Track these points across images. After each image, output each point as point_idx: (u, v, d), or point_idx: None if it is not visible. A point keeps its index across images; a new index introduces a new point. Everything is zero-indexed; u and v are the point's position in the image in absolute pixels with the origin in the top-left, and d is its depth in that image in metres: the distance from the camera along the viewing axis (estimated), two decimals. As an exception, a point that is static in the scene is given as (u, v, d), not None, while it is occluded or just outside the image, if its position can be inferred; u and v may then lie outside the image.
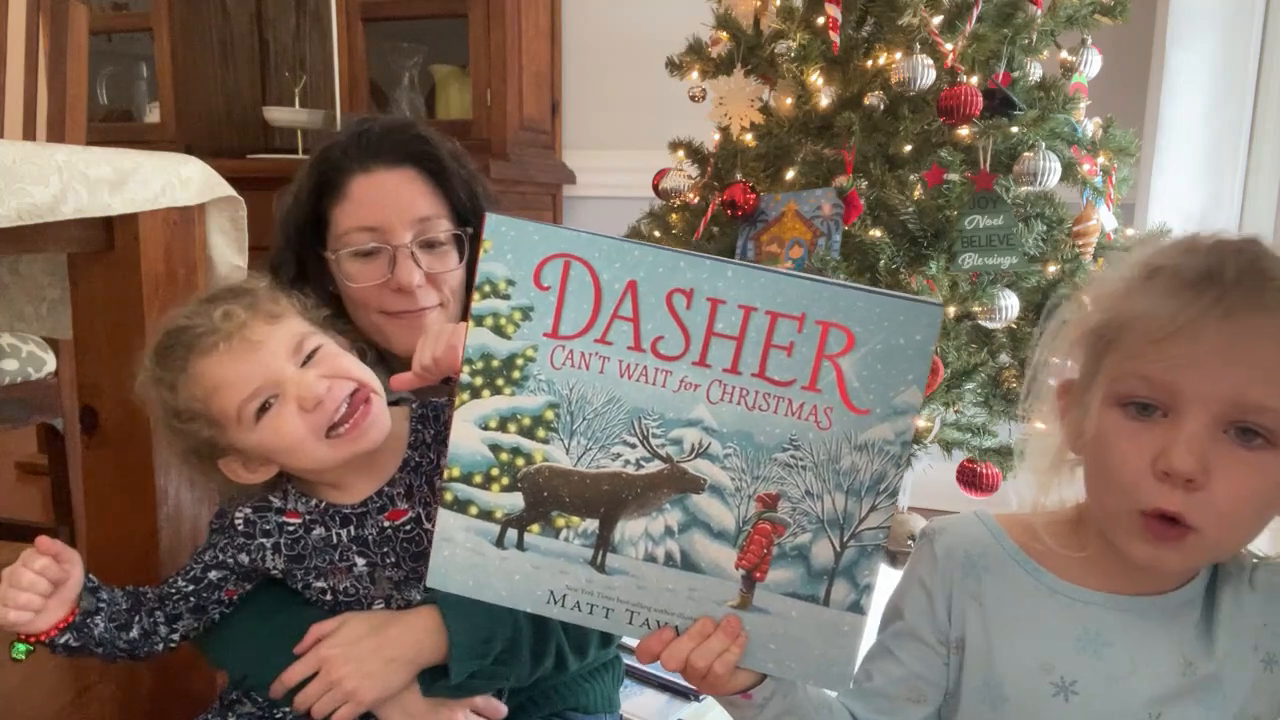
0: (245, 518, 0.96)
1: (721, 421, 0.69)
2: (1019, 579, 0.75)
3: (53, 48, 1.62)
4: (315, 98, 3.06)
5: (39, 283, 1.36)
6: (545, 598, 0.71)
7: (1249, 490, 0.63)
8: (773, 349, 0.67)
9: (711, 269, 0.67)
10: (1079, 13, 1.62)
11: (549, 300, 0.67)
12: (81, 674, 1.71)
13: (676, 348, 0.68)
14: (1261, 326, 0.62)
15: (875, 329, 0.66)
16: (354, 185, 1.05)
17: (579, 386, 0.68)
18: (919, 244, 1.51)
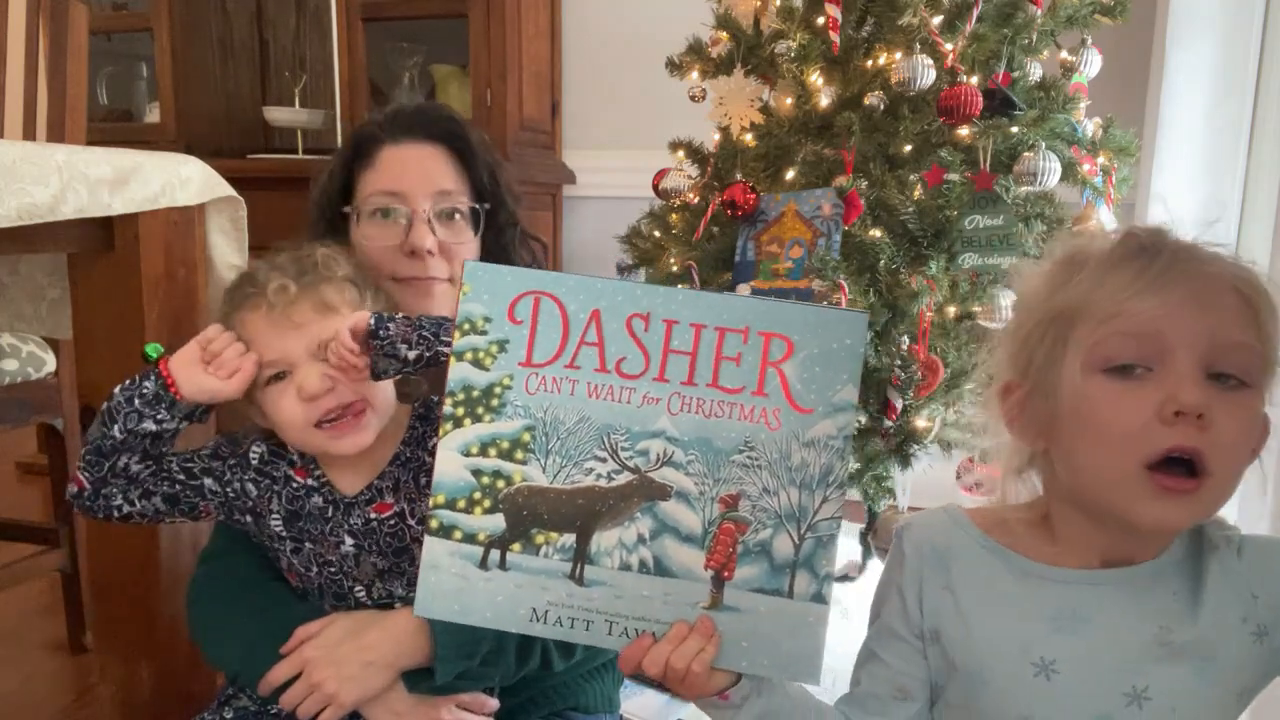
0: (261, 455, 0.99)
1: (682, 430, 0.75)
2: (989, 564, 0.76)
3: (53, 48, 1.62)
4: (315, 98, 3.06)
5: (39, 283, 1.36)
6: (528, 616, 0.74)
7: (1245, 426, 0.66)
8: (723, 360, 0.75)
9: (664, 294, 0.75)
10: (1079, 13, 1.62)
11: (522, 333, 0.74)
12: (81, 674, 1.71)
13: (638, 366, 0.75)
14: (1215, 277, 0.67)
15: (811, 336, 0.75)
16: (383, 154, 1.11)
17: (552, 409, 0.74)
18: (919, 244, 1.51)
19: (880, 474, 1.61)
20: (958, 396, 1.54)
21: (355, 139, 1.14)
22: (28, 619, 1.92)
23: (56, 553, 1.72)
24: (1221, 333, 0.66)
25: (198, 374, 0.93)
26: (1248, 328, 0.66)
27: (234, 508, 1.00)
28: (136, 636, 1.19)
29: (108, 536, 1.20)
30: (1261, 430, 0.69)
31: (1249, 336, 0.66)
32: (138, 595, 1.19)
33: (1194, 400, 0.64)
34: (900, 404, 1.48)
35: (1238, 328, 0.66)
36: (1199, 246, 0.70)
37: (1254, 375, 0.67)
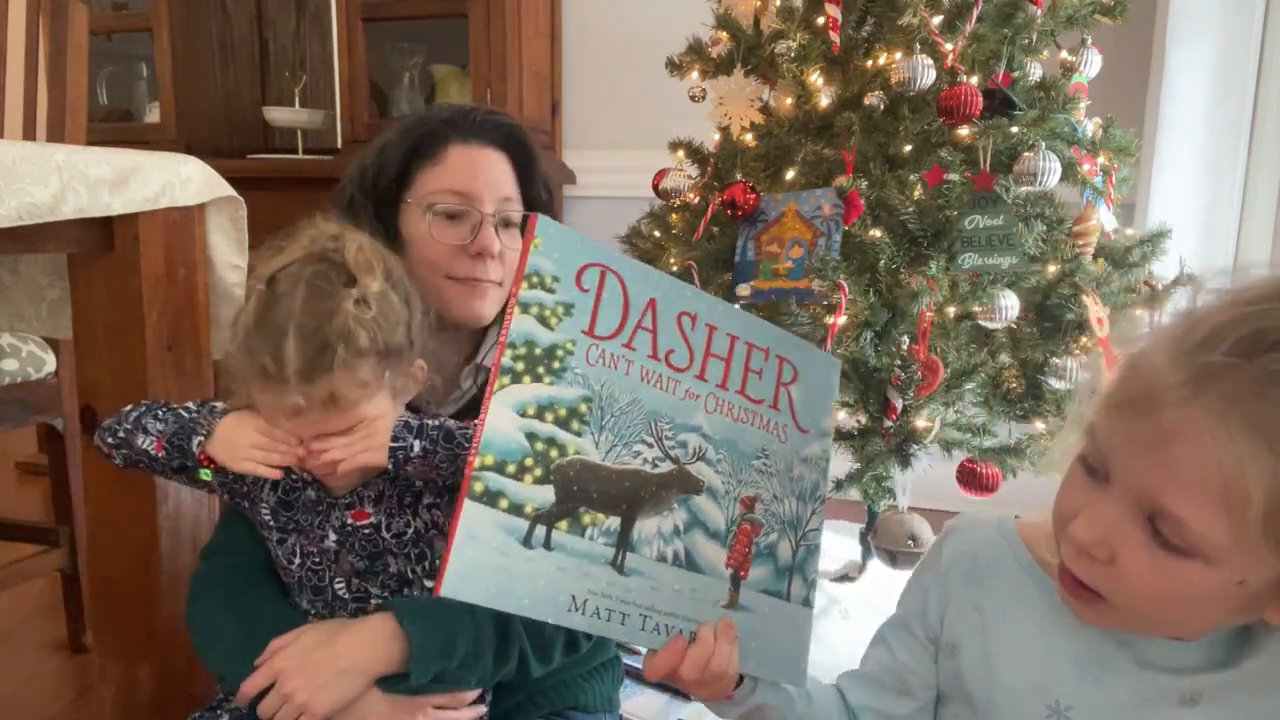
0: None
1: (714, 429, 0.76)
2: (1027, 591, 0.73)
3: (53, 48, 1.62)
4: (315, 98, 3.06)
5: (39, 283, 1.36)
6: (567, 604, 0.68)
7: (1157, 586, 0.60)
8: (749, 372, 0.79)
9: (709, 301, 0.77)
10: (1079, 13, 1.62)
11: (588, 301, 0.71)
12: (82, 674, 1.71)
13: (683, 361, 0.75)
14: (1201, 441, 0.55)
15: (809, 368, 0.83)
16: (451, 152, 1.10)
17: (609, 384, 0.71)
18: (919, 244, 1.51)
19: (880, 474, 1.61)
20: (958, 396, 1.54)
21: (418, 132, 1.12)
22: (28, 619, 1.92)
23: (56, 553, 1.72)
24: (1163, 494, 0.57)
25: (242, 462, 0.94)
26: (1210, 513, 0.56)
27: (233, 490, 1.01)
28: (136, 636, 1.19)
29: (108, 536, 1.20)
30: None
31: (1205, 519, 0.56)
32: (138, 595, 1.19)
33: (1078, 536, 0.61)
34: (900, 404, 1.48)
35: (1179, 496, 0.56)
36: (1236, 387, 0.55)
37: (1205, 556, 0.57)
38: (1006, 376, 1.56)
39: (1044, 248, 1.54)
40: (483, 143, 1.11)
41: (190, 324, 1.21)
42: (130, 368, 1.15)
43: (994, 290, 1.47)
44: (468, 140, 1.11)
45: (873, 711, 0.83)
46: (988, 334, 1.56)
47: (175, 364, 1.19)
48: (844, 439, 1.62)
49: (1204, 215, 2.08)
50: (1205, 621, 0.63)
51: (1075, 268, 1.53)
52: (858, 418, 1.62)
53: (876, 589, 1.96)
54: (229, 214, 1.25)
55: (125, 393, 1.15)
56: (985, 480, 1.49)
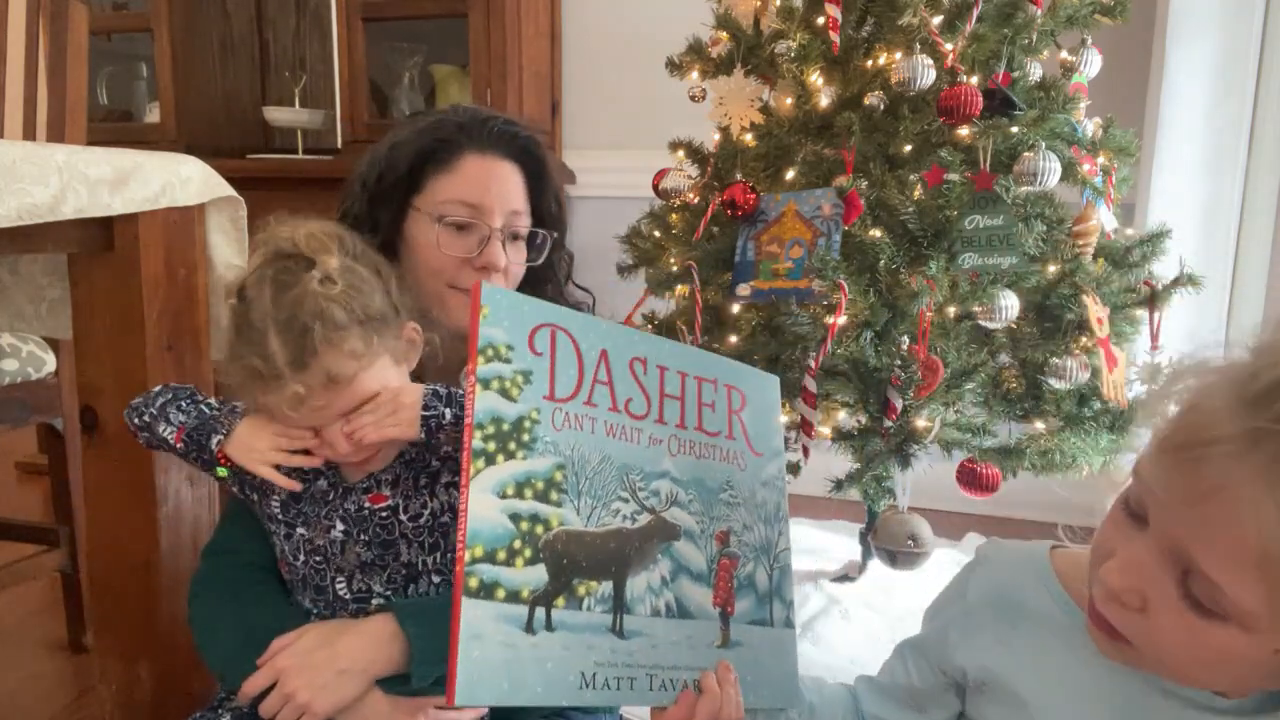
0: None
1: (681, 471, 0.76)
2: (1062, 631, 0.69)
3: (53, 48, 1.62)
4: (315, 98, 3.06)
5: (39, 283, 1.36)
6: (578, 683, 0.66)
7: (1186, 644, 0.57)
8: (704, 406, 0.79)
9: (654, 341, 0.78)
10: (1079, 13, 1.62)
11: (544, 364, 0.70)
12: (82, 674, 1.71)
13: (642, 407, 0.75)
14: (1239, 505, 0.52)
15: (754, 390, 0.84)
16: (465, 161, 1.09)
17: (579, 446, 0.70)
18: (919, 244, 1.51)
19: (880, 474, 1.61)
20: (958, 396, 1.54)
21: (432, 136, 1.10)
22: (28, 619, 1.92)
23: (56, 553, 1.72)
24: (1197, 557, 0.54)
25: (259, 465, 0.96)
26: (1243, 577, 0.53)
27: (244, 482, 1.01)
28: (136, 636, 1.19)
29: (108, 536, 1.20)
30: None
31: (1238, 587, 0.53)
32: (138, 595, 1.19)
33: (1108, 581, 0.59)
34: (900, 404, 1.48)
35: (1224, 569, 0.53)
36: None
37: (1237, 620, 0.54)
38: (1006, 376, 1.56)
39: (1044, 248, 1.54)
40: (497, 154, 1.11)
41: (190, 324, 1.21)
42: (130, 368, 1.15)
43: (994, 290, 1.47)
44: (482, 150, 1.10)
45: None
46: (988, 334, 1.56)
47: (175, 364, 1.19)
48: (844, 439, 1.62)
49: (1204, 215, 2.08)
50: (1241, 682, 0.60)
51: (1075, 268, 1.53)
52: (858, 418, 1.62)
53: (876, 589, 1.96)
54: (229, 214, 1.25)
55: (125, 393, 1.15)
56: (985, 480, 1.49)
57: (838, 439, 1.63)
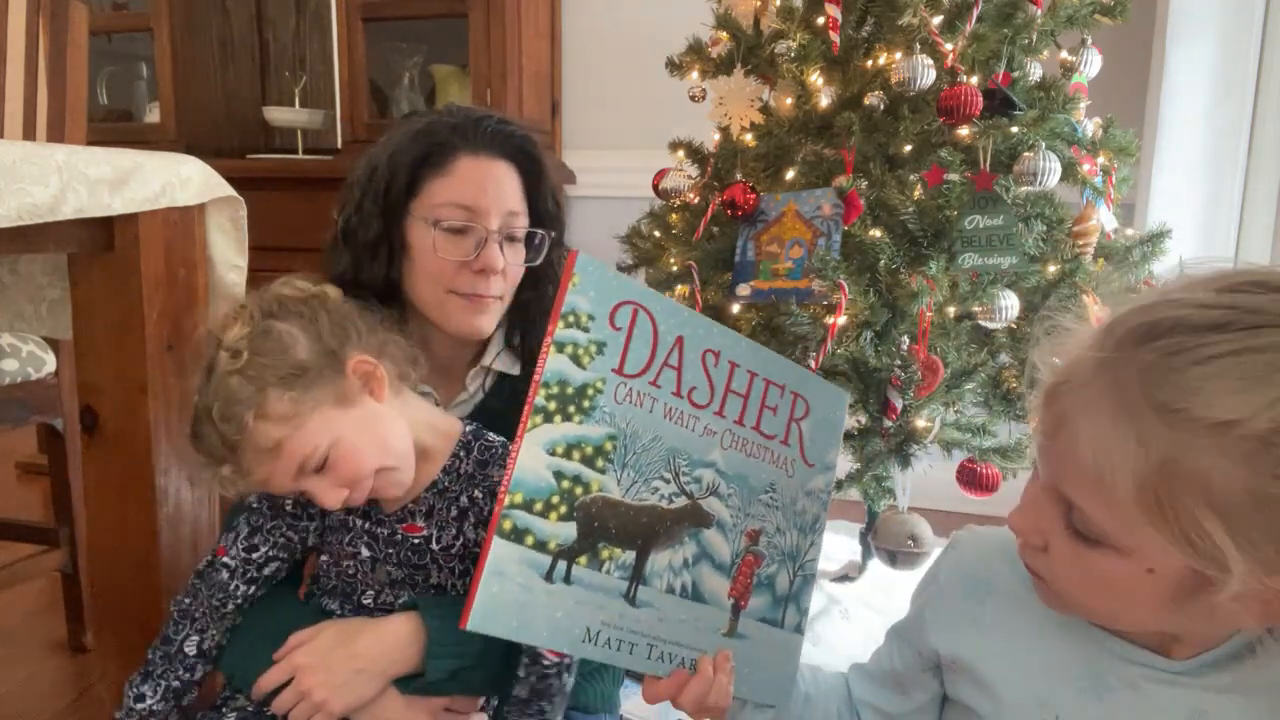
0: (295, 499, 1.01)
1: (728, 465, 0.79)
2: (1028, 607, 0.71)
3: (53, 48, 1.62)
4: (315, 98, 3.06)
5: (39, 283, 1.36)
6: (582, 636, 0.71)
7: (1079, 574, 0.61)
8: (765, 408, 0.81)
9: (733, 338, 0.79)
10: (1079, 13, 1.62)
11: (619, 339, 0.73)
12: (82, 674, 1.71)
13: (705, 398, 0.77)
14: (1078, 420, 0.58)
15: (820, 403, 0.86)
16: (460, 163, 1.07)
17: (634, 422, 0.73)
18: (919, 244, 1.51)
19: (880, 474, 1.61)
20: (958, 396, 1.54)
21: (426, 140, 1.09)
22: (28, 619, 1.92)
23: (56, 553, 1.72)
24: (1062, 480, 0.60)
25: None
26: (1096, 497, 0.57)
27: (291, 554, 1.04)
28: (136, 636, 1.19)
29: (108, 536, 1.20)
30: None
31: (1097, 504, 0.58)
32: (138, 595, 1.19)
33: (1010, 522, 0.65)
34: (900, 404, 1.48)
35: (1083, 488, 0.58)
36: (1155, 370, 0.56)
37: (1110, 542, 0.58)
38: (1006, 376, 1.56)
39: (1044, 248, 1.54)
40: (492, 154, 1.09)
41: (190, 324, 1.21)
42: (130, 368, 1.15)
43: (994, 290, 1.47)
44: (476, 151, 1.08)
45: (872, 707, 0.84)
46: (988, 334, 1.56)
47: (175, 364, 1.19)
48: (844, 439, 1.62)
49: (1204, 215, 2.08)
50: (1143, 614, 0.63)
51: (1075, 268, 1.53)
52: (858, 418, 1.62)
53: (876, 589, 1.96)
54: (229, 214, 1.25)
55: (125, 393, 1.15)
56: (985, 480, 1.49)
57: (838, 439, 1.63)
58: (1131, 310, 0.59)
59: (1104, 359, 0.57)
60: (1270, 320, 0.53)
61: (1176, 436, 0.53)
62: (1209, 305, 0.55)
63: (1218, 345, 0.53)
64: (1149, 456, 0.54)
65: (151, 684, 0.99)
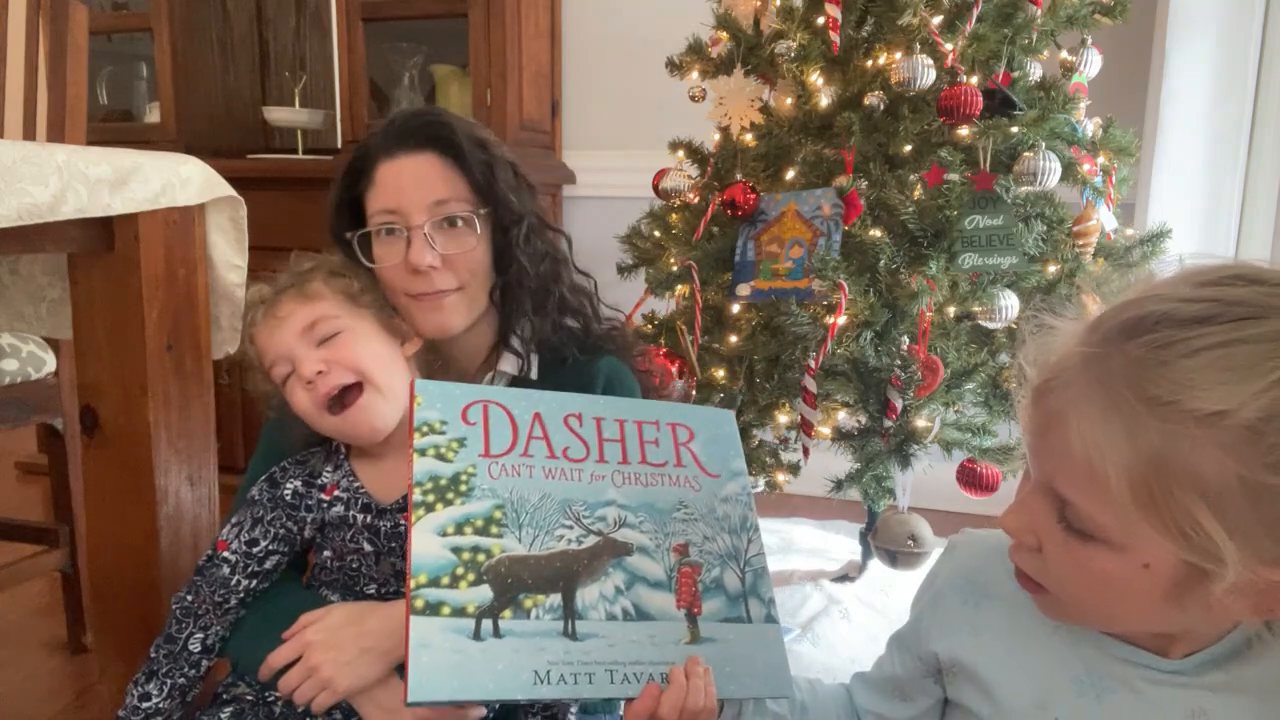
0: (294, 490, 1.05)
1: (628, 499, 0.85)
2: (1026, 609, 0.71)
3: (53, 48, 1.62)
4: (315, 98, 3.06)
5: (39, 283, 1.36)
6: (531, 680, 0.73)
7: (1075, 572, 0.61)
8: (646, 443, 0.89)
9: (589, 399, 0.89)
10: (1079, 13, 1.62)
11: (477, 431, 0.81)
12: (82, 674, 1.71)
13: (581, 452, 0.85)
14: (1067, 416, 0.58)
15: (704, 425, 0.93)
16: (379, 170, 1.09)
17: (516, 489, 0.80)
18: (919, 244, 1.51)
19: (880, 474, 1.61)
20: (958, 396, 1.54)
21: (352, 161, 1.11)
22: (28, 619, 1.92)
23: (56, 553, 1.72)
24: (1056, 479, 0.60)
25: None
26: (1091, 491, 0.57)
27: (291, 546, 1.05)
28: (136, 636, 1.19)
29: (108, 536, 1.20)
30: None
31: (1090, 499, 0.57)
32: (138, 595, 1.19)
33: (1005, 523, 0.64)
34: (900, 404, 1.48)
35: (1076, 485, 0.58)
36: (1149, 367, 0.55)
37: (1106, 538, 0.58)
38: (1006, 376, 1.56)
39: (1044, 248, 1.54)
40: (406, 150, 1.07)
41: (190, 324, 1.21)
42: (130, 368, 1.15)
43: (994, 290, 1.47)
44: (391, 153, 1.08)
45: (875, 715, 0.84)
46: (988, 334, 1.56)
47: (175, 364, 1.19)
48: (844, 439, 1.62)
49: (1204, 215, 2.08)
50: (1140, 613, 0.62)
51: (1075, 268, 1.53)
52: (858, 418, 1.62)
53: (876, 589, 1.96)
54: (229, 214, 1.25)
55: (125, 393, 1.15)
56: (985, 480, 1.49)
57: (838, 439, 1.63)
58: (1116, 306, 0.59)
59: (1091, 354, 0.57)
60: (1254, 312, 0.54)
61: (1167, 429, 0.53)
62: (1193, 299, 0.56)
63: (1205, 338, 0.53)
64: (1140, 450, 0.54)
65: (157, 683, 0.99)
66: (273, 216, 1.65)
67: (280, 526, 1.03)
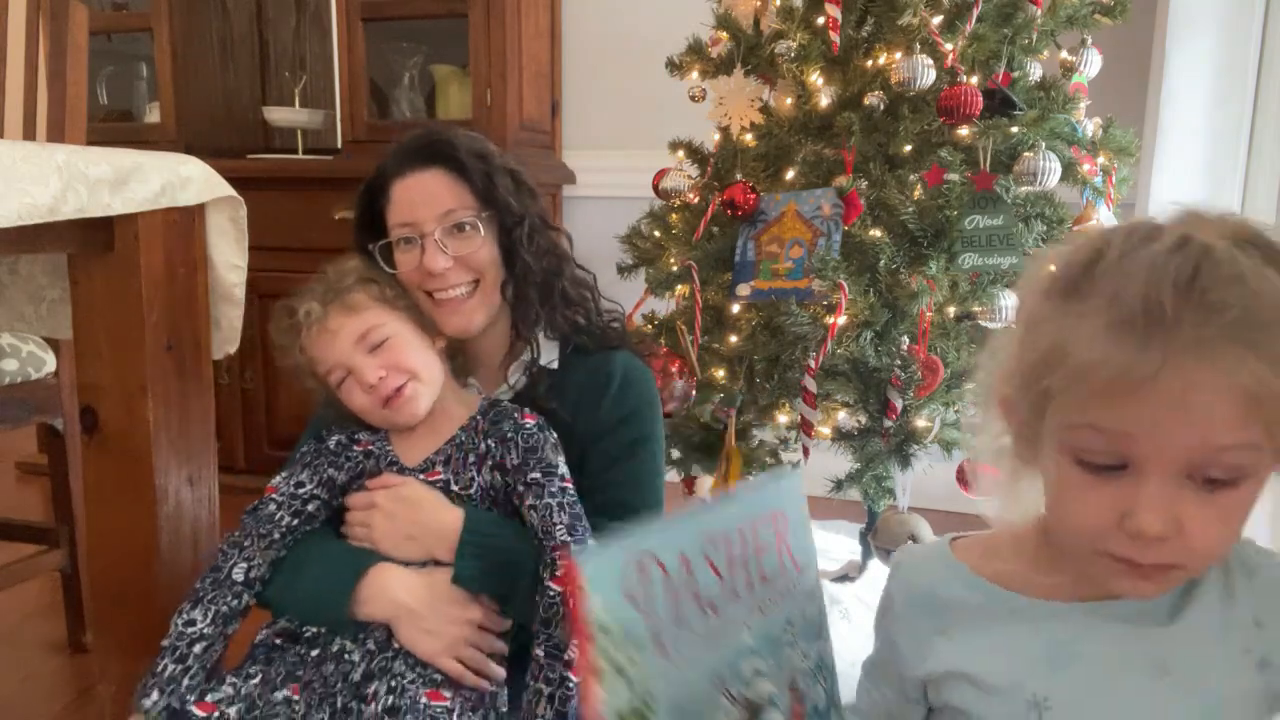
0: (338, 440, 1.18)
1: (757, 637, 0.75)
2: (982, 605, 0.73)
3: (53, 48, 1.62)
4: (315, 98, 3.06)
5: (39, 283, 1.36)
6: None
7: (1221, 530, 0.61)
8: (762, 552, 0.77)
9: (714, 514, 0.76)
10: (1079, 13, 1.62)
11: (641, 616, 0.68)
12: (81, 674, 1.71)
13: (719, 592, 0.73)
14: (1212, 378, 0.56)
15: (791, 502, 0.82)
16: (395, 188, 1.20)
17: (685, 685, 0.69)
18: (919, 244, 1.51)
19: (880, 474, 1.61)
20: (958, 397, 1.54)
21: (371, 181, 1.23)
22: (28, 619, 1.93)
23: (56, 553, 1.72)
24: (1212, 440, 0.58)
25: None
26: (1248, 426, 0.57)
27: (332, 494, 1.16)
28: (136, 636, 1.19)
29: (108, 536, 1.20)
30: None
31: (1247, 436, 0.57)
32: (138, 595, 1.19)
33: (1152, 531, 0.59)
34: (900, 404, 1.48)
35: (1233, 431, 0.57)
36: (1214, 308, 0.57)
37: (1250, 469, 0.59)
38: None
39: (1044, 248, 1.54)
40: (413, 169, 1.20)
41: (190, 324, 1.21)
42: (130, 368, 1.15)
43: (994, 290, 1.47)
44: (402, 173, 1.20)
45: None
46: (988, 334, 1.56)
47: (175, 364, 1.19)
48: (844, 439, 1.62)
49: (1204, 215, 2.08)
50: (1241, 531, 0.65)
51: (1075, 268, 1.53)
52: (858, 418, 1.62)
53: (876, 589, 1.95)
54: (229, 214, 1.25)
55: (125, 393, 1.15)
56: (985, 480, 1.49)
57: (838, 439, 1.63)
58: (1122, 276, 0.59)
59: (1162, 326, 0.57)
60: None
61: None
62: None
63: None
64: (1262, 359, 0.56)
65: (202, 609, 1.06)
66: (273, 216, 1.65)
67: (324, 471, 1.15)
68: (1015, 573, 0.73)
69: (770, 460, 1.80)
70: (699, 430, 1.77)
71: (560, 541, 1.06)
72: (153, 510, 1.17)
